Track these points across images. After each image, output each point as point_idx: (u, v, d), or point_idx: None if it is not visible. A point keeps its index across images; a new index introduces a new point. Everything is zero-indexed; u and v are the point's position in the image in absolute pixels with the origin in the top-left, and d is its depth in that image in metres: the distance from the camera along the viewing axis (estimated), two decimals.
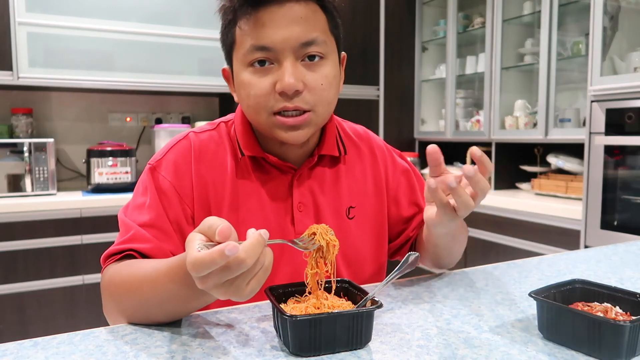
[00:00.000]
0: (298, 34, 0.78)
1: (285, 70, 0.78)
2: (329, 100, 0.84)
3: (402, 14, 3.35)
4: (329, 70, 0.82)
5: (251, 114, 0.84)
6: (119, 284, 0.74)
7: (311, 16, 0.80)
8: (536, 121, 2.69)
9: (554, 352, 0.61)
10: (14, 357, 0.60)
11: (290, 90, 0.78)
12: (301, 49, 0.79)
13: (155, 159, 0.88)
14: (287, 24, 0.78)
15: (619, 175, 2.07)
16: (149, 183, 0.85)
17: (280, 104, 0.80)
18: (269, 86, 0.79)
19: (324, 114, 0.84)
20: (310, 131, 0.84)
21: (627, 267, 1.01)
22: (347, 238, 0.93)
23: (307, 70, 0.80)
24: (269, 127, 0.83)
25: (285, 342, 0.62)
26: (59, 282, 2.30)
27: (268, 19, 0.78)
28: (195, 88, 2.75)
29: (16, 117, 2.59)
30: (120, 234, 0.82)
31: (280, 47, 0.78)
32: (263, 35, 0.78)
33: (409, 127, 3.46)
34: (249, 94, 0.81)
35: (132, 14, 2.59)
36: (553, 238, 2.27)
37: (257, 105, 0.81)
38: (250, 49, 0.79)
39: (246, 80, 0.81)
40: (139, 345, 0.63)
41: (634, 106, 1.97)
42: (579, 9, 2.54)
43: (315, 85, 0.81)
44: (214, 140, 0.91)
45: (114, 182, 2.55)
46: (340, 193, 0.94)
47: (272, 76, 0.80)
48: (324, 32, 0.82)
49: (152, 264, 0.72)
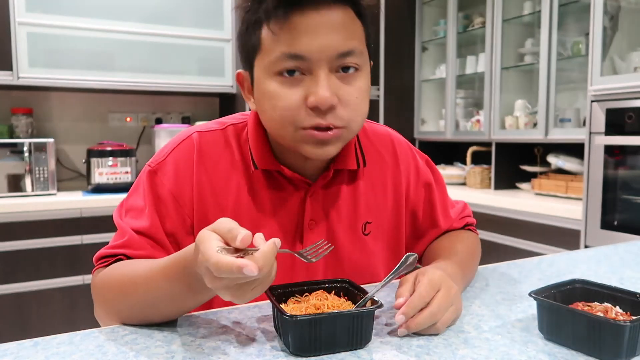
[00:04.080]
0: (337, 43, 0.71)
1: (319, 82, 0.71)
2: (363, 114, 0.77)
3: (402, 14, 3.35)
4: (363, 82, 0.75)
5: (275, 128, 0.76)
6: (112, 285, 0.73)
7: (349, 24, 0.73)
8: (536, 121, 2.69)
9: (554, 352, 0.61)
10: (14, 357, 0.60)
11: (325, 105, 0.70)
12: (337, 60, 0.72)
13: (156, 161, 0.82)
14: (325, 32, 0.70)
15: (619, 175, 2.07)
16: (148, 188, 0.80)
17: (312, 121, 0.72)
18: (299, 99, 0.72)
19: (356, 130, 0.77)
20: (339, 147, 0.77)
21: (627, 267, 1.01)
22: (362, 254, 0.89)
23: (341, 83, 0.73)
24: (295, 142, 0.75)
25: (285, 342, 0.62)
26: (59, 282, 2.30)
27: (304, 25, 0.70)
28: (195, 88, 2.75)
29: (16, 117, 2.59)
30: (115, 236, 0.80)
31: (316, 57, 0.70)
32: (298, 43, 0.70)
33: (409, 127, 3.46)
34: (275, 106, 0.73)
35: (132, 14, 2.59)
36: (553, 238, 2.27)
37: (283, 120, 0.73)
38: (280, 57, 0.71)
39: (273, 91, 0.73)
40: (139, 345, 0.63)
41: (634, 106, 1.97)
42: (579, 9, 2.54)
43: (350, 100, 0.73)
44: (220, 143, 0.84)
45: (114, 182, 2.55)
46: (356, 209, 0.89)
47: (303, 88, 0.72)
48: (361, 42, 0.75)
49: (146, 263, 0.71)
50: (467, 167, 3.04)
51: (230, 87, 2.82)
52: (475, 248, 0.97)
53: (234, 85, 2.81)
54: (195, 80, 2.74)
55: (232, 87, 2.82)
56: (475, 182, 3.00)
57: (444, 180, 1.03)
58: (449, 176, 3.15)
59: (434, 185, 0.99)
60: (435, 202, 0.98)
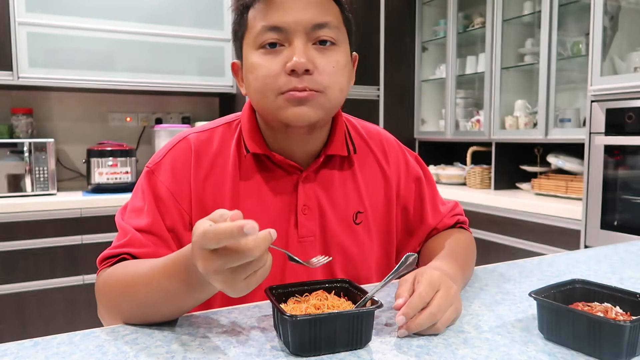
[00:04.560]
0: (311, 15, 0.78)
1: (295, 48, 0.77)
2: (341, 86, 0.82)
3: (402, 14, 3.35)
4: (340, 56, 0.81)
5: (258, 98, 0.81)
6: (114, 285, 0.74)
7: (325, 3, 0.80)
8: (536, 121, 2.69)
9: (554, 352, 0.61)
10: (14, 357, 0.60)
11: (301, 68, 0.76)
12: (313, 31, 0.78)
13: (154, 161, 0.86)
14: (301, 7, 0.78)
15: (619, 175, 2.07)
16: (146, 187, 0.84)
17: (289, 84, 0.77)
18: (279, 67, 0.78)
19: (334, 100, 0.81)
20: (317, 113, 0.80)
21: (627, 267, 1.01)
22: (353, 244, 0.91)
23: (318, 53, 0.79)
24: (275, 109, 0.79)
25: (285, 342, 0.62)
26: (59, 282, 2.30)
27: (281, 1, 0.78)
28: (195, 88, 2.75)
29: (16, 117, 2.59)
30: (117, 237, 0.82)
31: (293, 27, 0.77)
32: (275, 16, 0.78)
33: (409, 127, 3.46)
34: (257, 76, 0.79)
35: (132, 14, 2.59)
36: (553, 238, 2.27)
37: (264, 87, 0.79)
38: (261, 30, 0.78)
39: (255, 62, 0.79)
40: (139, 345, 0.63)
41: (634, 106, 1.97)
42: (579, 9, 2.54)
43: (326, 68, 0.79)
44: (214, 141, 0.88)
45: (114, 182, 2.55)
46: (348, 197, 0.91)
47: (282, 57, 0.78)
48: (336, 19, 0.82)
49: (148, 262, 0.71)
50: (467, 167, 3.04)
51: (230, 87, 2.82)
52: (472, 246, 0.98)
53: (234, 85, 2.81)
54: (195, 80, 2.74)
55: (232, 87, 2.82)
56: (475, 182, 3.00)
57: (433, 178, 1.05)
58: (449, 176, 3.15)
59: (424, 180, 1.01)
60: (425, 197, 1.00)
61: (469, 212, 2.68)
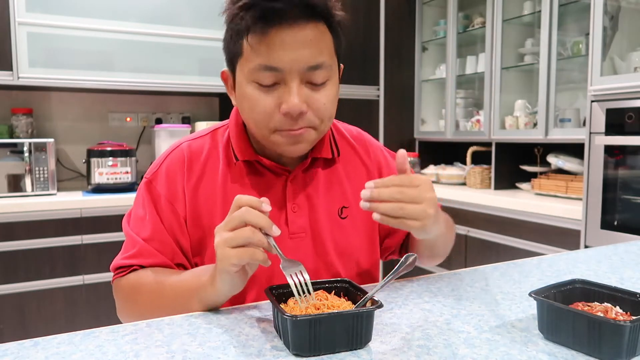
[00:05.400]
0: (306, 57, 0.79)
1: (291, 91, 0.80)
2: (330, 116, 0.87)
3: (402, 14, 3.35)
4: (330, 91, 0.84)
5: (252, 127, 0.86)
6: (144, 291, 0.84)
7: (320, 39, 0.81)
8: (536, 121, 2.69)
9: (554, 352, 0.61)
10: (14, 357, 0.60)
11: (296, 111, 0.80)
12: (307, 72, 0.80)
13: (151, 172, 0.93)
14: (297, 47, 0.78)
15: (619, 175, 2.07)
16: (146, 197, 0.91)
17: (284, 126, 0.82)
18: (273, 105, 0.81)
19: (325, 130, 0.87)
20: (309, 146, 0.87)
21: (627, 267, 1.01)
22: (341, 234, 0.96)
23: (311, 92, 0.82)
24: (270, 141, 0.85)
25: (285, 342, 0.62)
26: (59, 282, 2.30)
27: (279, 40, 0.78)
28: (195, 88, 2.75)
29: (16, 117, 2.59)
30: (126, 244, 0.90)
31: (289, 68, 0.79)
32: (273, 56, 0.78)
33: (409, 127, 3.46)
34: (253, 109, 0.83)
35: (132, 14, 2.59)
36: (553, 238, 2.27)
37: (259, 122, 0.83)
38: (257, 68, 0.80)
39: (251, 95, 0.82)
40: (139, 345, 0.63)
41: (634, 106, 1.97)
42: (579, 9, 2.54)
43: (319, 106, 0.83)
44: (205, 149, 0.93)
45: (114, 182, 2.54)
46: (333, 194, 0.96)
47: (277, 95, 0.81)
48: (330, 55, 0.83)
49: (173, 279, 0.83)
50: (467, 167, 3.04)
51: None
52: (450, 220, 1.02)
53: None
54: (195, 80, 2.74)
55: None
56: (475, 182, 3.00)
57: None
58: (449, 176, 3.15)
59: None
60: None
61: (469, 212, 2.68)
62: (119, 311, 0.91)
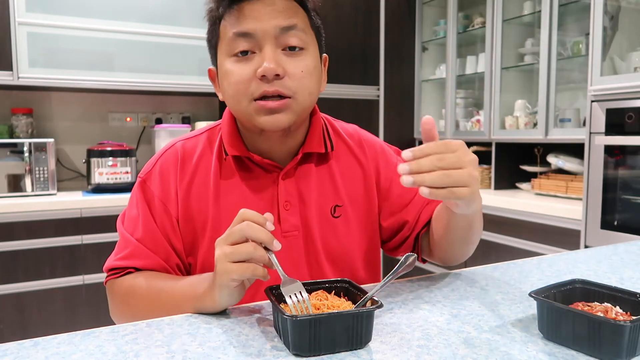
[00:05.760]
0: (278, 20, 0.81)
1: (265, 55, 0.81)
2: (310, 90, 0.85)
3: (402, 14, 3.35)
4: (309, 61, 0.84)
5: (232, 104, 0.86)
6: (138, 295, 0.84)
7: (291, 8, 0.83)
8: (536, 121, 2.69)
9: (554, 352, 0.61)
10: (14, 357, 0.60)
11: (271, 73, 0.79)
12: (281, 35, 0.82)
13: (145, 171, 0.93)
14: (268, 13, 0.81)
15: (619, 175, 2.07)
16: (140, 197, 0.90)
17: (260, 89, 0.81)
18: (250, 73, 0.81)
19: (304, 103, 0.85)
20: (290, 117, 0.84)
21: (627, 267, 1.01)
22: (333, 237, 0.93)
23: (287, 58, 0.82)
24: (249, 114, 0.84)
25: (285, 342, 0.62)
26: (59, 282, 2.30)
27: (249, 10, 0.82)
28: (195, 88, 2.75)
29: (16, 117, 2.59)
30: (119, 244, 0.90)
31: (261, 33, 0.81)
32: (244, 22, 0.81)
33: (409, 127, 3.46)
34: (230, 82, 0.83)
35: (132, 14, 2.59)
36: (553, 238, 2.27)
37: (237, 93, 0.83)
38: (232, 38, 0.82)
39: (228, 69, 0.83)
40: (139, 345, 0.63)
41: (634, 106, 1.97)
42: (579, 9, 2.54)
43: (295, 72, 0.82)
44: (199, 148, 0.92)
45: (114, 182, 2.55)
46: (326, 192, 0.94)
47: (253, 63, 0.82)
48: (304, 23, 0.85)
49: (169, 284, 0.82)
50: None
51: None
52: None
53: None
54: (195, 80, 2.74)
55: None
56: None
57: None
58: None
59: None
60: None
61: None
62: (112, 312, 0.91)
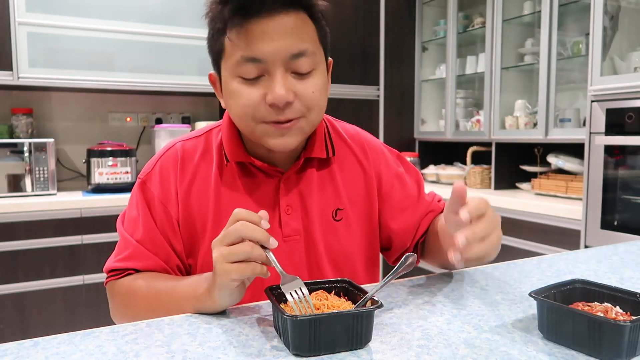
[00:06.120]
0: (288, 45, 0.77)
1: (275, 81, 0.78)
2: (321, 106, 0.84)
3: (402, 14, 3.35)
4: (318, 79, 0.82)
5: (239, 122, 0.84)
6: (139, 297, 0.84)
7: (301, 27, 0.79)
8: (536, 121, 2.69)
9: (554, 352, 0.61)
10: (14, 357, 0.60)
11: (282, 102, 0.78)
12: (291, 60, 0.78)
13: (145, 172, 0.92)
14: (278, 36, 0.77)
15: (619, 175, 2.06)
16: (139, 198, 0.90)
17: (271, 117, 0.79)
18: (259, 97, 0.79)
19: (314, 121, 0.84)
20: (299, 138, 0.84)
21: (627, 267, 1.01)
22: (335, 240, 0.93)
23: (297, 81, 0.80)
24: (258, 136, 0.83)
25: (285, 342, 0.62)
26: (59, 282, 2.30)
27: (259, 31, 0.77)
28: (195, 88, 2.75)
29: (16, 117, 2.59)
30: (119, 245, 0.90)
31: (271, 58, 0.77)
32: (254, 47, 0.77)
33: (409, 127, 3.46)
34: (238, 103, 0.81)
35: (132, 14, 2.59)
36: (553, 238, 2.27)
37: (245, 115, 0.81)
38: (240, 61, 0.78)
39: (236, 90, 0.81)
40: (139, 345, 0.63)
41: (634, 106, 1.97)
42: (579, 9, 2.54)
43: (306, 94, 0.80)
44: (199, 149, 0.92)
45: (114, 182, 2.55)
46: (327, 195, 0.93)
47: (262, 87, 0.79)
48: (313, 43, 0.81)
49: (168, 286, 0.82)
50: (467, 167, 3.04)
51: None
52: None
53: None
54: (195, 80, 2.74)
55: None
56: (475, 182, 3.00)
57: (419, 174, 1.05)
58: (449, 176, 3.15)
59: (405, 176, 1.02)
60: (408, 192, 1.00)
61: None
62: (112, 313, 0.91)
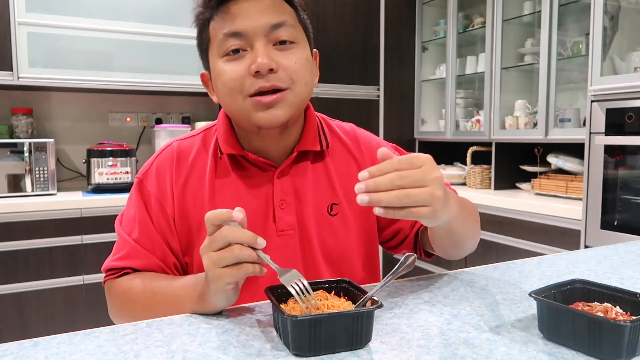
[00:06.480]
0: (267, 18, 0.82)
1: (257, 51, 0.80)
2: (306, 80, 0.85)
3: (402, 14, 3.35)
4: (301, 53, 0.84)
5: (227, 103, 0.85)
6: (135, 297, 0.84)
7: (279, 5, 0.84)
8: (536, 121, 2.69)
9: (554, 352, 0.61)
10: (14, 357, 0.60)
11: (264, 68, 0.79)
12: (271, 32, 0.82)
13: (142, 171, 0.93)
14: (257, 12, 0.81)
15: (619, 175, 2.07)
16: (137, 197, 0.91)
17: (256, 85, 0.81)
18: (244, 70, 0.81)
19: (301, 94, 0.84)
20: (286, 112, 0.83)
21: (627, 267, 1.01)
22: (330, 235, 0.92)
23: (279, 53, 0.82)
24: (246, 111, 0.83)
25: (285, 342, 0.62)
26: (59, 282, 2.30)
27: (238, 9, 0.82)
28: (195, 88, 2.75)
29: (16, 117, 2.59)
30: (117, 244, 0.91)
31: (252, 31, 0.81)
32: (234, 23, 0.81)
33: (409, 127, 3.46)
34: (225, 81, 0.83)
35: (132, 14, 2.59)
36: (553, 238, 2.27)
37: (232, 91, 0.82)
38: (223, 38, 0.82)
39: (221, 69, 0.83)
40: (139, 345, 0.63)
41: (634, 106, 1.97)
42: (579, 9, 2.54)
43: (289, 64, 0.82)
44: (195, 147, 0.93)
45: (114, 182, 2.55)
46: (322, 190, 0.93)
47: (246, 60, 0.81)
48: (292, 19, 0.85)
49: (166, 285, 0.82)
50: (467, 167, 3.04)
51: None
52: (473, 206, 0.93)
53: None
54: (195, 80, 2.74)
55: None
56: (475, 182, 3.00)
57: None
58: (449, 176, 3.15)
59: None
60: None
61: None
62: (110, 312, 0.91)
